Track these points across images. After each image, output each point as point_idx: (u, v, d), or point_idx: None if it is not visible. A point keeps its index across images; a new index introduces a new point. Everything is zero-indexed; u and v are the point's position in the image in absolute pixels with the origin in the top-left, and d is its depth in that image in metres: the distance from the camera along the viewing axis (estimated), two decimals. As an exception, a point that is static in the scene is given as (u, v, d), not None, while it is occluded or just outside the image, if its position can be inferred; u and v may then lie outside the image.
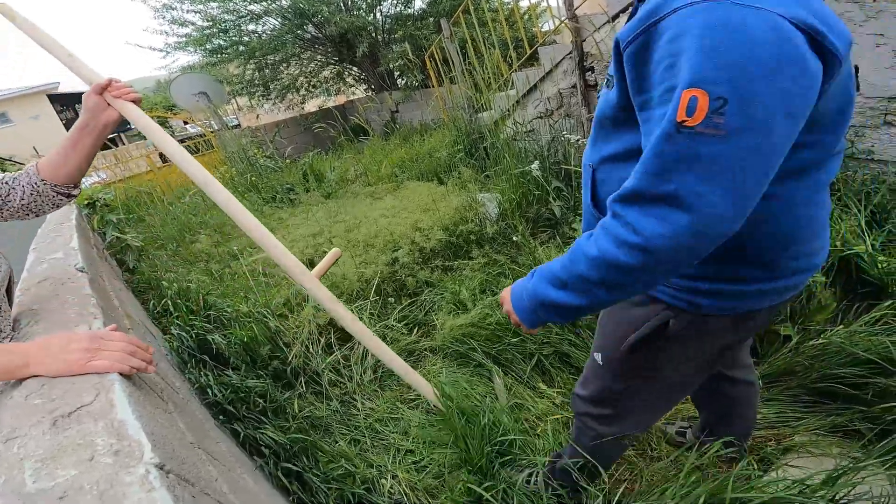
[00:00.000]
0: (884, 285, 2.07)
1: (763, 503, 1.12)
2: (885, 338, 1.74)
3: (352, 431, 2.27)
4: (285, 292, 3.02)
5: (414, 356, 2.70)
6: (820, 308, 2.00)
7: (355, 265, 3.19)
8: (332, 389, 2.50)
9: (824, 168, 0.86)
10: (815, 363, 1.81)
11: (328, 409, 2.39)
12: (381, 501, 1.86)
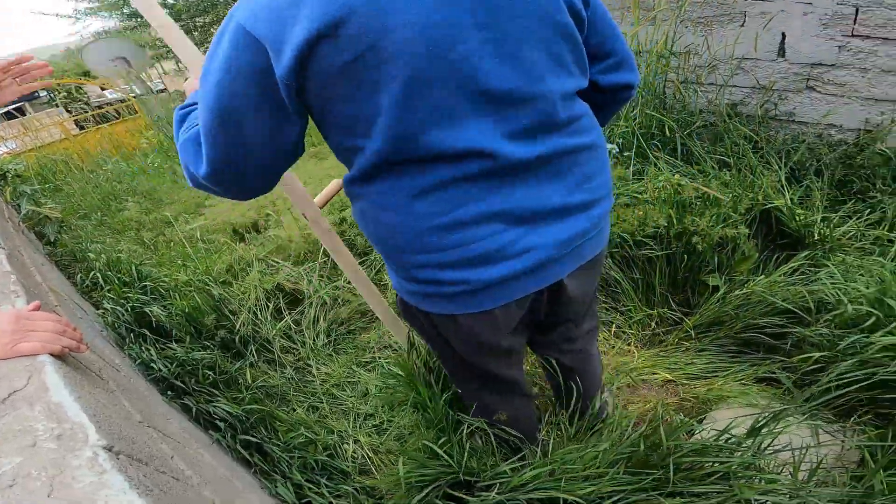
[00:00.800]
0: (801, 237, 2.21)
1: (694, 450, 1.18)
2: (803, 287, 1.88)
3: (309, 398, 2.21)
4: (227, 258, 2.85)
5: (367, 317, 2.65)
6: (743, 259, 2.13)
7: (299, 227, 3.06)
8: (284, 357, 2.41)
9: (418, 175, 0.80)
10: (740, 313, 1.93)
11: (282, 377, 2.31)
12: (346, 466, 1.84)
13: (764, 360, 1.81)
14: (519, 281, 0.89)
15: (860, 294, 1.70)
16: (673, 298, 2.12)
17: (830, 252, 2.12)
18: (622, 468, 1.13)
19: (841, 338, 1.60)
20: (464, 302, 0.91)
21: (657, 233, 2.12)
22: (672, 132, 2.82)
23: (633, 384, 1.89)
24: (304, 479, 1.71)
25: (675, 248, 2.08)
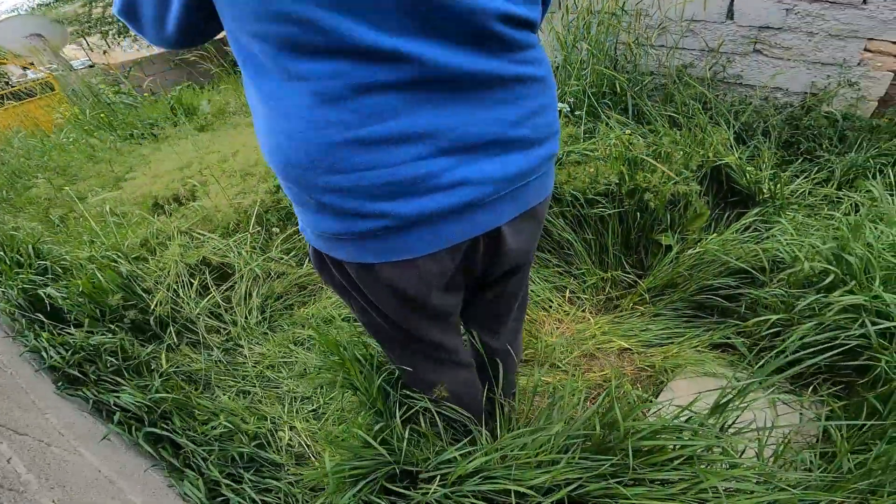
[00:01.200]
0: (751, 194, 2.13)
1: (654, 431, 1.03)
2: (756, 245, 1.78)
3: (239, 382, 1.97)
4: (142, 232, 2.50)
5: (307, 290, 2.41)
6: (696, 216, 2.02)
7: (229, 196, 2.74)
8: (211, 337, 2.14)
9: (325, 75, 0.63)
10: (693, 273, 1.83)
11: (209, 359, 2.05)
12: (276, 457, 1.62)
13: (719, 325, 1.71)
14: (448, 222, 0.73)
15: (816, 250, 1.62)
16: (626, 260, 1.99)
17: (781, 209, 2.05)
18: (577, 453, 0.97)
19: (797, 298, 1.51)
20: (384, 246, 0.74)
21: (609, 190, 1.98)
22: (623, 91, 2.76)
23: (591, 353, 1.76)
24: (222, 475, 1.48)
25: (628, 206, 1.94)
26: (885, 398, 1.13)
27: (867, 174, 2.23)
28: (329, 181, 0.68)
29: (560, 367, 1.75)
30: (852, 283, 1.41)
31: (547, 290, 2.02)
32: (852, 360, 1.25)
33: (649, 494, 0.90)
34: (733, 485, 0.88)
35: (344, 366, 1.38)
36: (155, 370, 1.83)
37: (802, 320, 1.42)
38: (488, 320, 1.17)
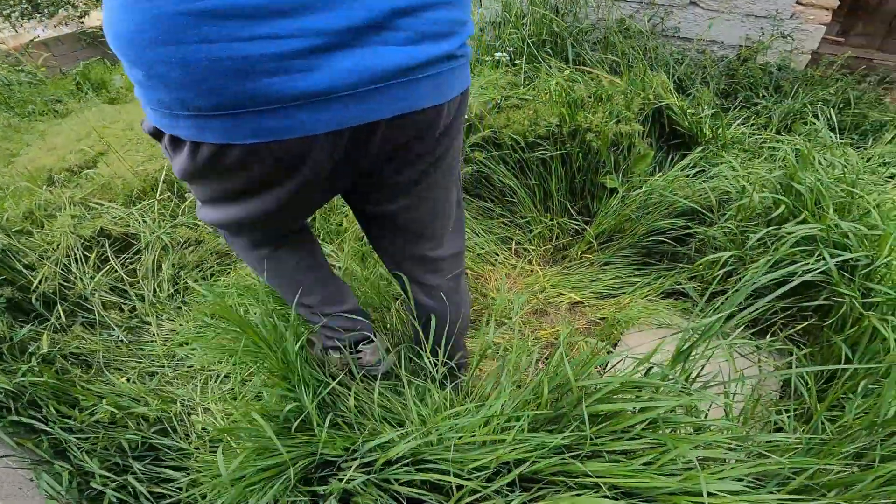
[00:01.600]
0: (693, 135, 1.98)
1: (611, 392, 0.84)
2: (704, 183, 1.63)
3: (143, 363, 1.65)
4: (28, 202, 2.07)
5: (227, 258, 2.08)
6: (640, 157, 1.85)
7: (133, 164, 2.34)
8: (111, 315, 1.79)
9: None
10: (640, 216, 1.66)
11: (109, 339, 1.71)
12: (183, 444, 1.35)
13: (669, 271, 1.55)
14: (304, 111, 0.57)
15: (764, 182, 1.47)
16: (572, 207, 1.80)
17: (724, 149, 1.91)
18: (526, 424, 0.76)
19: (748, 233, 1.36)
20: (222, 126, 0.58)
21: (550, 132, 1.76)
22: (564, 40, 2.69)
23: (541, 309, 1.57)
24: (104, 465, 1.20)
25: (570, 148, 1.73)
26: (853, 342, 0.98)
27: (804, 121, 2.16)
28: (162, 54, 0.54)
29: (509, 326, 1.55)
30: (804, 215, 1.27)
31: (491, 243, 1.80)
32: (812, 299, 1.10)
33: (612, 470, 0.70)
34: (703, 453, 0.69)
35: (250, 338, 1.10)
36: (34, 353, 1.48)
37: (755, 257, 1.26)
38: (411, 248, 0.95)
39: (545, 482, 0.79)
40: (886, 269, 1.03)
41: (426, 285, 1.02)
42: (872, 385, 0.83)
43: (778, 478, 0.66)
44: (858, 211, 1.26)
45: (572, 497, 0.73)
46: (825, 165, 1.50)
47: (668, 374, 0.81)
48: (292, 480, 0.92)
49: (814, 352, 1.05)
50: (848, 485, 0.64)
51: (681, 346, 0.87)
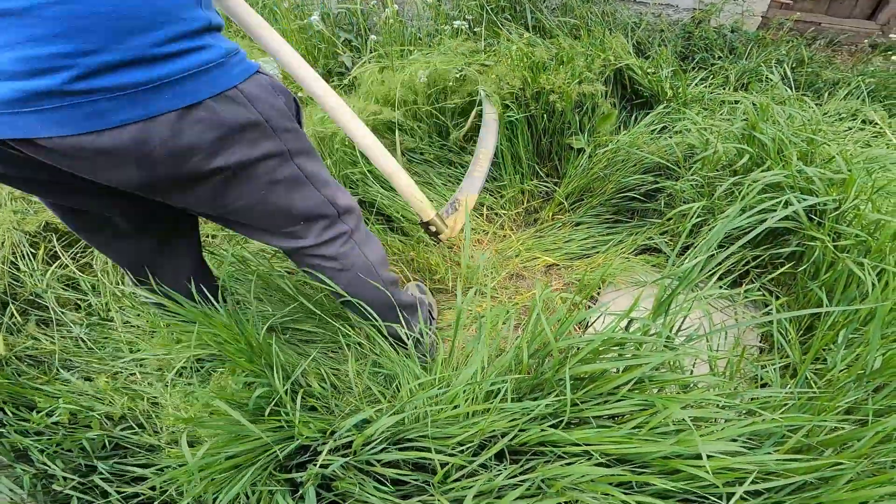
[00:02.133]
0: (655, 94, 1.91)
1: (592, 352, 0.75)
2: (669, 139, 1.55)
3: (106, 360, 1.49)
4: (-37, 199, 1.84)
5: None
6: (604, 117, 1.76)
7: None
8: (69, 313, 1.62)
9: None
10: (609, 174, 1.58)
11: (68, 337, 1.55)
12: (153, 440, 1.23)
13: (641, 227, 1.49)
14: None
15: (727, 132, 1.41)
16: (541, 169, 1.70)
17: (685, 106, 1.84)
18: (509, 392, 0.67)
19: (715, 184, 1.30)
20: None
21: (514, 95, 1.65)
22: (522, 5, 2.58)
23: (518, 273, 1.48)
24: (65, 468, 1.09)
25: (535, 110, 1.63)
26: (829, 288, 0.92)
27: (760, 79, 2.12)
28: None
29: (486, 293, 1.47)
30: (769, 163, 1.21)
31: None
32: (784, 247, 1.04)
33: (601, 437, 0.63)
34: (694, 412, 0.62)
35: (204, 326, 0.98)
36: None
37: (724, 207, 1.20)
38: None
39: (533, 453, 0.72)
40: (855, 212, 0.98)
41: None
42: (853, 334, 0.78)
43: (773, 437, 0.60)
44: (821, 159, 1.21)
45: (563, 466, 0.66)
46: (785, 117, 1.44)
47: (649, 326, 0.73)
48: (269, 467, 0.82)
49: (790, 301, 1.00)
50: (845, 443, 0.59)
51: (660, 297, 0.79)
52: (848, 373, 0.66)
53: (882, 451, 0.56)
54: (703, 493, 0.57)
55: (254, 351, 1.00)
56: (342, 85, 2.20)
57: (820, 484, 0.56)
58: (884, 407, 0.64)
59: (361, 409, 0.87)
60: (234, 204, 0.79)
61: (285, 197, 0.83)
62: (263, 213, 0.84)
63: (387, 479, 0.81)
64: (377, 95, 1.83)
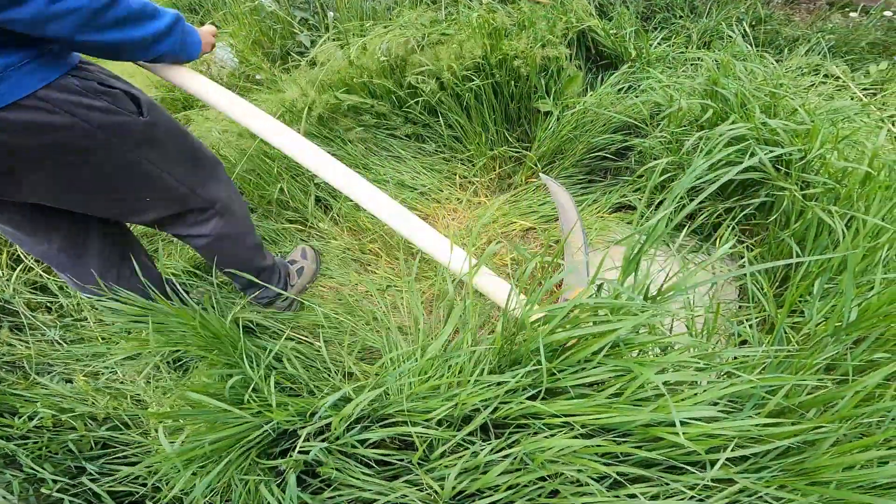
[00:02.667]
0: (619, 54, 1.81)
1: (572, 322, 0.69)
2: (634, 98, 1.48)
3: (79, 363, 1.41)
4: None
5: (159, 237, 1.79)
6: (570, 80, 1.67)
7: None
8: (39, 316, 1.51)
9: None
10: (579, 134, 1.51)
11: (42, 340, 1.45)
12: (140, 437, 1.17)
13: (614, 186, 1.43)
14: None
15: (691, 88, 1.34)
16: (511, 135, 1.62)
17: (649, 65, 1.76)
18: (486, 365, 0.62)
19: (682, 139, 1.24)
20: None
21: (477, 64, 1.55)
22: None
23: (494, 239, 1.42)
24: (54, 471, 1.03)
25: (500, 77, 1.53)
26: (799, 238, 0.88)
27: (721, 37, 2.03)
28: None
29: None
30: (733, 117, 1.16)
31: (434, 180, 1.61)
32: (753, 196, 1.00)
33: (579, 407, 0.58)
34: (672, 376, 0.58)
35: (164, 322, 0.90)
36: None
37: (692, 161, 1.15)
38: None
39: (515, 426, 0.68)
40: (821, 161, 0.94)
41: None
42: (828, 284, 0.75)
43: (752, 399, 0.57)
44: (784, 112, 1.16)
45: (545, 439, 0.62)
46: (747, 73, 1.38)
47: (619, 289, 0.68)
48: (251, 454, 0.77)
49: (763, 252, 0.97)
50: (826, 403, 0.56)
51: (629, 255, 0.73)
52: (825, 326, 0.63)
53: (865, 411, 0.53)
54: (686, 461, 0.54)
55: (222, 342, 0.93)
56: (301, 65, 2.03)
57: (804, 448, 0.54)
58: (863, 363, 0.61)
59: (339, 388, 0.82)
60: (67, 194, 0.84)
61: (125, 183, 0.87)
62: (109, 199, 0.90)
63: (371, 461, 0.77)
64: (337, 76, 1.69)
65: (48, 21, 0.62)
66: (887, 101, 1.47)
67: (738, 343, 0.77)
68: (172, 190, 0.95)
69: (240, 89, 2.34)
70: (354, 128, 1.70)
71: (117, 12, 0.70)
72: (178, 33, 0.84)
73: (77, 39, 0.68)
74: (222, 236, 1.09)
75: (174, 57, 0.87)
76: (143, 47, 0.78)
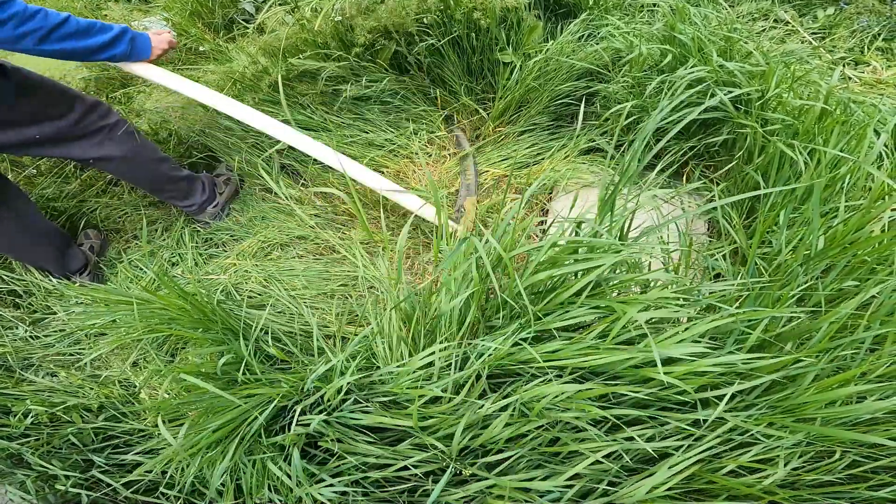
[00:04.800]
0: (577, 2, 1.70)
1: (547, 263, 0.66)
2: (595, 45, 1.40)
3: (63, 354, 1.30)
4: None
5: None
6: (530, 30, 1.57)
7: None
8: (11, 312, 1.38)
9: None
10: (542, 83, 1.43)
11: (14, 339, 1.33)
12: (140, 424, 1.11)
13: (581, 131, 1.38)
14: None
15: (649, 34, 1.28)
16: (475, 87, 1.52)
17: (607, 13, 1.66)
18: (474, 307, 0.59)
19: (644, 83, 1.19)
20: None
21: (436, 21, 1.42)
22: None
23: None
24: (63, 467, 0.97)
25: (458, 31, 1.41)
26: (763, 171, 0.87)
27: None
28: None
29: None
30: (692, 61, 1.11)
31: (403, 137, 1.52)
32: (716, 135, 0.97)
33: (566, 352, 0.56)
34: (654, 314, 0.56)
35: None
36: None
37: (655, 104, 1.11)
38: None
39: (509, 375, 0.66)
40: (778, 100, 0.92)
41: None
42: (793, 214, 0.74)
43: (733, 334, 0.56)
44: (740, 55, 1.12)
45: (538, 386, 0.60)
46: (701, 18, 1.33)
47: (596, 229, 0.65)
48: (253, 434, 0.73)
49: (729, 186, 0.96)
50: (803, 335, 0.56)
51: (603, 196, 0.70)
52: (794, 256, 0.63)
53: (841, 343, 0.53)
54: (677, 401, 0.54)
55: (207, 317, 0.86)
56: (248, 34, 1.82)
57: (787, 384, 0.54)
58: (833, 292, 0.61)
59: (330, 359, 0.78)
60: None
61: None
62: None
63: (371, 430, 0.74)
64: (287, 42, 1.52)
65: (17, 41, 0.90)
66: (836, 45, 1.46)
67: (712, 277, 0.77)
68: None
69: (182, 62, 2.08)
70: (311, 92, 1.56)
71: (68, 29, 0.96)
72: (124, 42, 1.07)
73: (38, 49, 0.94)
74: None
75: (124, 58, 1.09)
76: (94, 52, 1.03)
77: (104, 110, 1.22)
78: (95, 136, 1.20)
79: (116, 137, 1.22)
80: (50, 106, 1.12)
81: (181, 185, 1.37)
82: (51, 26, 0.93)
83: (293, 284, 1.25)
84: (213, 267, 1.34)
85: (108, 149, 1.21)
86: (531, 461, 0.59)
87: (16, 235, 1.25)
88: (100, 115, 1.20)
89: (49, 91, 1.13)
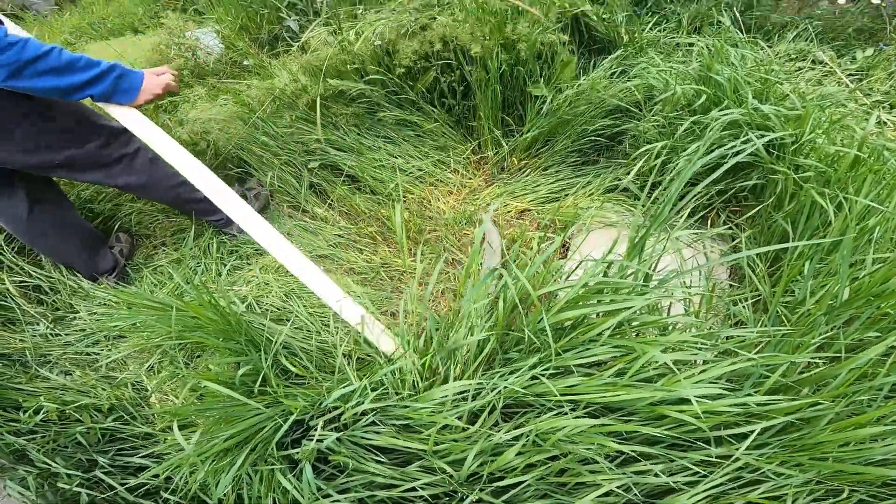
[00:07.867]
0: (612, 40, 1.81)
1: (571, 302, 0.70)
2: (628, 82, 1.48)
3: (81, 353, 1.39)
4: None
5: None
6: (564, 65, 1.66)
7: None
8: (35, 308, 1.48)
9: None
10: (573, 117, 1.51)
11: (34, 335, 1.42)
12: (147, 428, 1.16)
13: (607, 168, 1.44)
14: None
15: (685, 73, 1.35)
16: (507, 121, 1.62)
17: (641, 50, 1.76)
18: (494, 341, 0.63)
19: (676, 123, 1.25)
20: None
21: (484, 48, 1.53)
22: None
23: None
24: (66, 465, 1.02)
25: (502, 61, 1.52)
26: (792, 219, 0.90)
27: (711, 22, 2.03)
28: None
29: (462, 243, 1.42)
30: (726, 102, 1.17)
31: (430, 164, 1.61)
32: (744, 179, 1.01)
33: (584, 387, 0.60)
34: (673, 355, 0.60)
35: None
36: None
37: (686, 146, 1.16)
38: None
39: (521, 405, 0.69)
40: (812, 145, 0.96)
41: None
42: (819, 265, 0.77)
43: (752, 377, 0.59)
44: (776, 97, 1.17)
45: (552, 419, 0.63)
46: (738, 58, 1.39)
47: (627, 268, 0.69)
48: (266, 446, 0.77)
49: (756, 234, 0.99)
50: (821, 380, 0.58)
51: (633, 238, 0.74)
52: (818, 306, 0.65)
53: (860, 389, 0.55)
54: (690, 438, 0.56)
55: (232, 328, 0.93)
56: (291, 51, 1.99)
57: (802, 425, 0.56)
58: (855, 341, 0.63)
59: (349, 380, 0.82)
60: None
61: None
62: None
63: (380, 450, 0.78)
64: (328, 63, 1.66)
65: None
66: (873, 87, 1.50)
67: (732, 323, 0.79)
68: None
69: (227, 75, 2.28)
70: (346, 113, 1.68)
71: (45, 64, 0.89)
72: (106, 81, 1.00)
73: (7, 85, 0.87)
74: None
75: (104, 98, 1.03)
76: (72, 91, 0.96)
77: (126, 139, 1.27)
78: (115, 165, 1.26)
79: (136, 166, 1.29)
80: (72, 131, 1.16)
81: (204, 204, 1.42)
82: (25, 60, 0.85)
83: (312, 301, 1.32)
84: (237, 278, 1.42)
85: (127, 178, 1.28)
86: (538, 490, 0.61)
87: (54, 233, 1.36)
88: (122, 143, 1.25)
89: (73, 115, 1.16)
